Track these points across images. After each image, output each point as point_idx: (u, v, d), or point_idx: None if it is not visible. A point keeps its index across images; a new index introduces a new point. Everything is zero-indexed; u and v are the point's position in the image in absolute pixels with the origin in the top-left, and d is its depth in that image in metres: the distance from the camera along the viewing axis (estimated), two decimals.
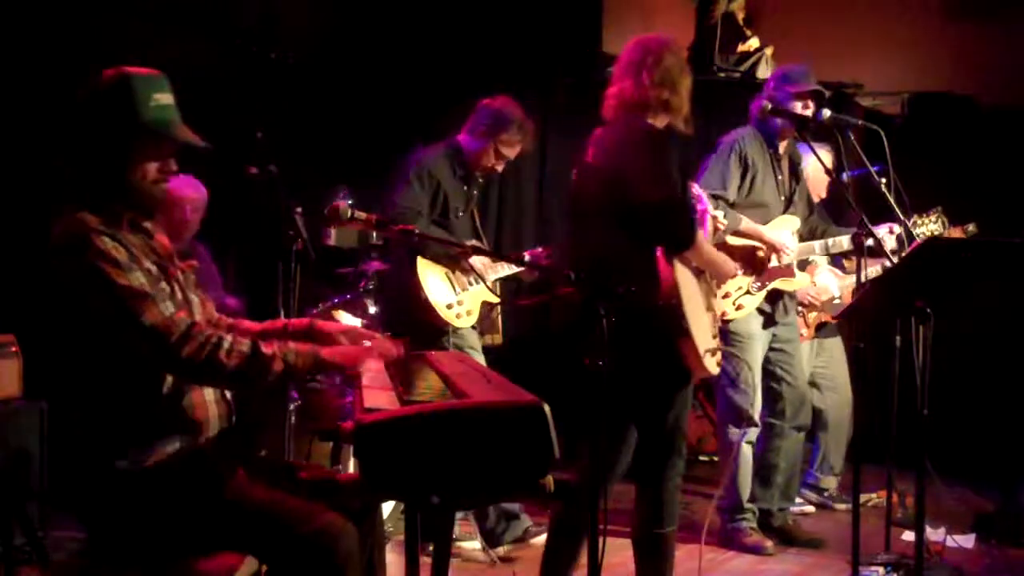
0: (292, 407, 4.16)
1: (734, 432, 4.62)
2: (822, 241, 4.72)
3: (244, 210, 4.93)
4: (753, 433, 4.66)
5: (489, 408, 2.23)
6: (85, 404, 2.44)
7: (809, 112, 4.46)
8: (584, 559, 3.59)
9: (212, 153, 2.58)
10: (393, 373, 2.71)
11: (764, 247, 4.50)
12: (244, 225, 5.16)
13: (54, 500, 3.99)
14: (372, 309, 4.59)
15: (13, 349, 4.12)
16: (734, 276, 3.72)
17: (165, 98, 2.51)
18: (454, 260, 4.40)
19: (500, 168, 4.52)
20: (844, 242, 4.70)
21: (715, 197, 4.37)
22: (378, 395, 2.45)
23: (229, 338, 2.38)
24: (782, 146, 4.64)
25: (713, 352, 3.40)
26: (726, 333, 4.53)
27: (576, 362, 3.22)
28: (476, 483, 2.21)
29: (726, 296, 4.48)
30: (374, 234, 4.72)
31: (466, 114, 4.56)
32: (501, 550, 4.26)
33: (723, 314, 4.48)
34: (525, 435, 2.18)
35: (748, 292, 4.54)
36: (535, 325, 4.66)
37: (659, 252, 3.34)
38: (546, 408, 2.19)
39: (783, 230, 4.57)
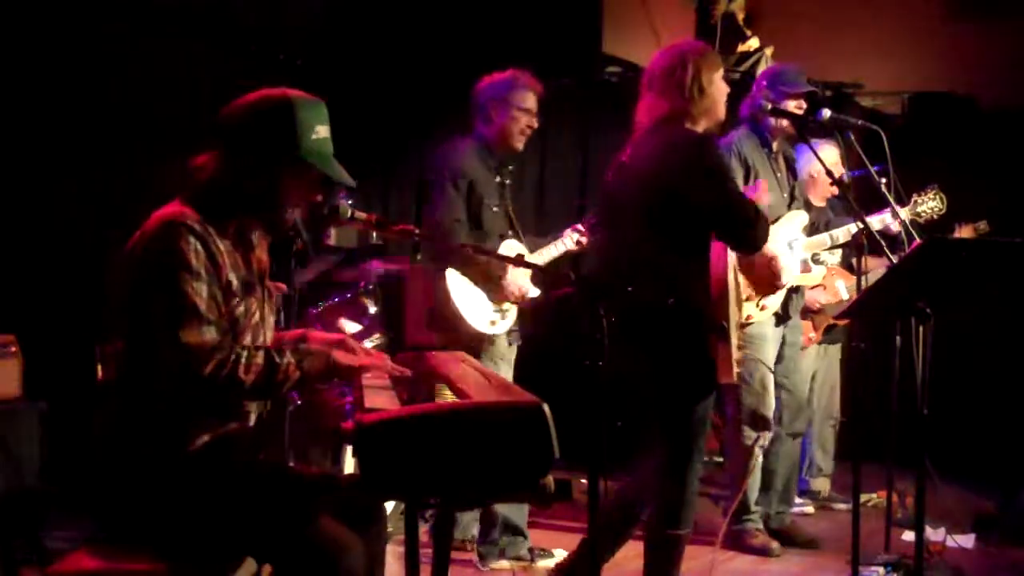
0: (291, 407, 4.16)
1: (750, 435, 4.59)
2: (829, 233, 4.71)
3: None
4: (766, 437, 4.61)
5: (489, 408, 2.23)
6: (131, 390, 2.44)
7: (799, 111, 4.51)
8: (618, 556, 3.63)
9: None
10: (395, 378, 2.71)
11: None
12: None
13: (55, 500, 3.99)
14: (372, 309, 4.59)
15: (13, 349, 4.12)
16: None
17: (325, 130, 2.53)
18: (487, 276, 4.13)
19: (529, 130, 4.22)
20: (851, 228, 4.70)
21: None
22: (378, 395, 2.45)
23: (245, 353, 2.39)
24: (776, 144, 4.64)
25: (739, 361, 3.42)
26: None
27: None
28: (476, 483, 2.21)
29: (748, 299, 4.43)
30: (374, 234, 4.72)
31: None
32: (505, 564, 4.23)
33: (748, 317, 4.45)
34: (525, 435, 2.18)
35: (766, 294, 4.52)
36: (538, 325, 4.63)
37: (715, 252, 3.35)
38: (546, 408, 2.19)
39: (792, 226, 4.56)
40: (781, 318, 4.64)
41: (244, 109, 2.51)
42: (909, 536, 4.18)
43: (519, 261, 4.00)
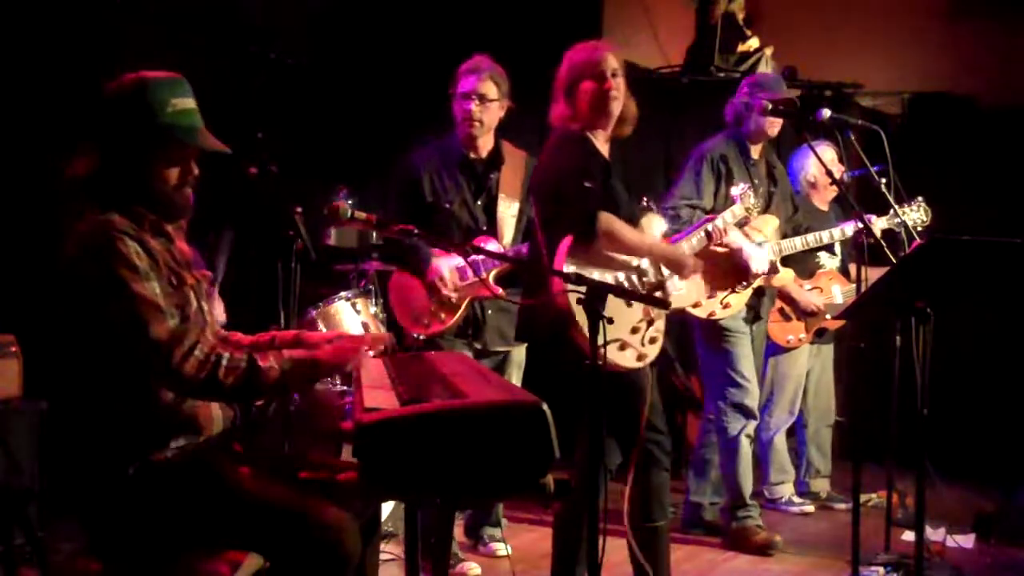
0: (292, 407, 4.16)
1: (735, 426, 4.62)
2: (803, 236, 4.81)
3: (244, 210, 4.93)
4: (751, 426, 4.67)
5: (489, 408, 2.23)
6: (92, 403, 2.44)
7: (779, 122, 4.59)
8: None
9: (216, 154, 2.57)
10: (393, 374, 2.71)
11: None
12: (244, 225, 5.16)
13: (54, 500, 3.99)
14: (372, 308, 4.59)
15: (13, 349, 4.12)
16: (690, 267, 3.60)
17: (184, 103, 2.50)
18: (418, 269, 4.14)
19: (476, 115, 4.13)
20: (836, 233, 4.75)
21: (692, 207, 4.47)
22: (378, 395, 2.45)
23: (227, 354, 2.39)
24: (755, 150, 4.70)
25: (623, 346, 3.37)
26: (719, 330, 4.63)
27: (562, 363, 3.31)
28: (476, 483, 2.21)
29: (711, 296, 4.53)
30: (374, 234, 4.72)
31: None
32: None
33: (711, 314, 4.58)
34: (525, 435, 2.18)
35: (733, 290, 4.56)
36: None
37: (563, 247, 3.38)
38: (546, 408, 2.19)
39: (762, 228, 4.60)
40: (755, 316, 4.71)
41: (102, 98, 2.51)
42: (909, 536, 4.18)
43: (444, 240, 3.97)
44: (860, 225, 4.62)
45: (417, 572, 2.63)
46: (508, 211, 4.27)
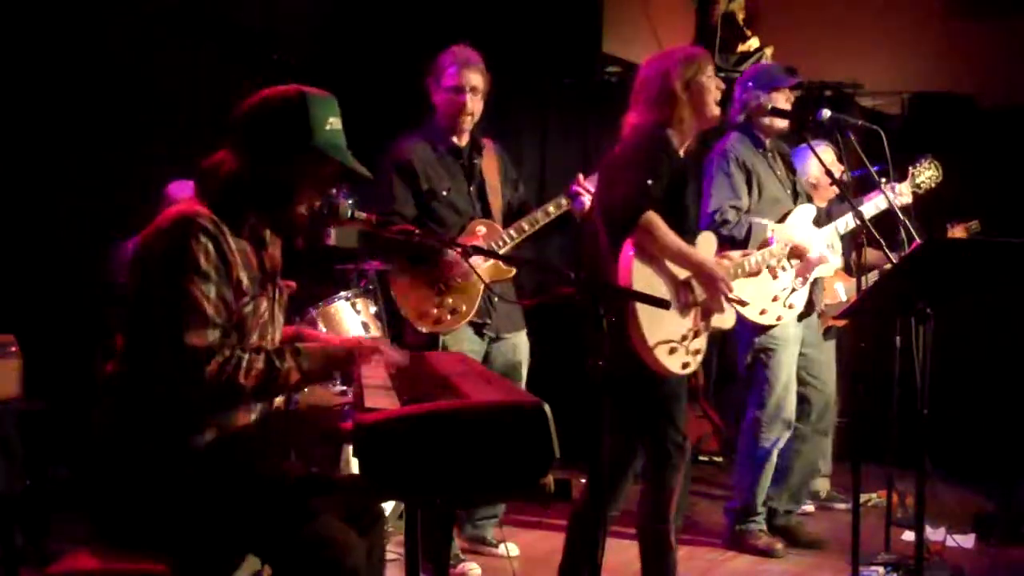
0: (292, 407, 4.16)
1: (768, 437, 4.53)
2: (834, 224, 4.69)
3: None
4: (785, 438, 4.57)
5: (489, 408, 2.23)
6: (132, 387, 2.44)
7: (789, 105, 4.53)
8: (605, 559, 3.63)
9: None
10: (393, 373, 2.71)
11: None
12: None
13: (54, 500, 4.00)
14: (372, 309, 4.58)
15: (13, 349, 4.12)
16: (721, 285, 3.53)
17: (337, 122, 2.54)
18: (428, 259, 4.07)
19: (470, 109, 4.16)
20: (849, 222, 4.70)
21: (735, 208, 4.39)
22: (378, 395, 2.45)
23: (246, 356, 2.39)
24: (769, 143, 4.64)
25: (672, 349, 3.39)
26: (761, 336, 4.51)
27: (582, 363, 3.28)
28: (476, 483, 2.21)
29: (775, 299, 4.42)
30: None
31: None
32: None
33: (779, 318, 4.45)
34: (525, 435, 2.17)
35: (794, 289, 4.48)
36: (536, 325, 4.62)
37: (627, 250, 3.40)
38: (546, 408, 2.19)
39: (804, 218, 4.56)
40: (805, 314, 4.59)
41: (258, 105, 2.52)
42: (909, 536, 4.18)
43: (455, 244, 3.90)
44: (874, 204, 4.61)
45: (417, 572, 2.63)
46: (495, 196, 4.26)
